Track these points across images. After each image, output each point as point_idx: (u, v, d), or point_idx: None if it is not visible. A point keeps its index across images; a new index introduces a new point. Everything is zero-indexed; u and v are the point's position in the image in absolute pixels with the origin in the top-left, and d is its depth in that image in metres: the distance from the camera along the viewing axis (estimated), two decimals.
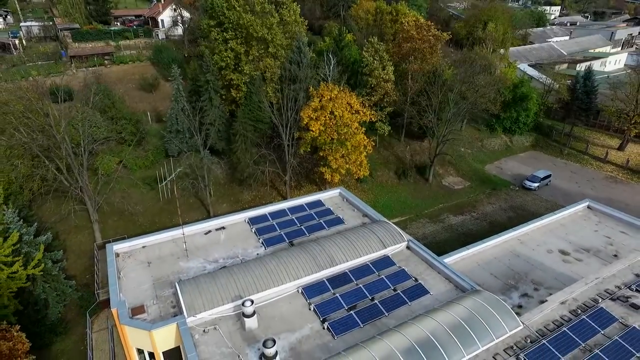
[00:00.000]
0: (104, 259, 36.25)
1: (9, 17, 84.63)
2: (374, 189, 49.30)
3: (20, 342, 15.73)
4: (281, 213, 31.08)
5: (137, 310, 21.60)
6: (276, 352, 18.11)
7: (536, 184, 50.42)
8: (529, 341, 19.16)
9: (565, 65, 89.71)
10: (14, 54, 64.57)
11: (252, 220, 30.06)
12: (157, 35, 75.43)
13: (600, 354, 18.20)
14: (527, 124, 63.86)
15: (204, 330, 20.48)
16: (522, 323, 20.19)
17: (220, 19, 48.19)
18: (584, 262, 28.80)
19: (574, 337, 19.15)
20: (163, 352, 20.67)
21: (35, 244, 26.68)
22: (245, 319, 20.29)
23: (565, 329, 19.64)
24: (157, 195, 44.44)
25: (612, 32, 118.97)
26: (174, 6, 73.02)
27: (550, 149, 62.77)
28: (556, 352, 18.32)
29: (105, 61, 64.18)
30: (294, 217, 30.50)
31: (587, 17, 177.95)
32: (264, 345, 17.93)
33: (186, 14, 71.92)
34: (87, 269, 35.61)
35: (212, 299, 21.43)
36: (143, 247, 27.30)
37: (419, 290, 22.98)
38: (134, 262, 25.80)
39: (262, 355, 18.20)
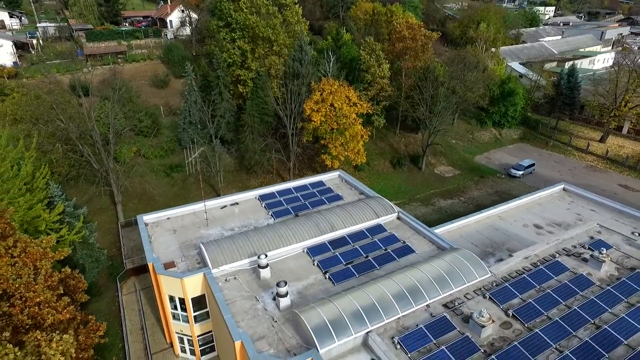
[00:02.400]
0: (127, 235, 40.71)
1: (23, 18, 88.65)
2: (370, 176, 53.38)
3: (80, 281, 19.61)
4: (287, 191, 35.17)
5: (168, 265, 25.71)
6: (287, 291, 22.19)
7: (521, 172, 54.53)
8: (494, 285, 23.28)
9: (554, 64, 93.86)
10: (32, 53, 68.60)
11: (262, 197, 34.16)
12: (166, 35, 79.52)
13: (551, 292, 22.28)
14: (515, 118, 67.99)
15: (225, 280, 24.58)
16: (491, 272, 24.29)
17: (228, 20, 52.33)
18: (555, 234, 32.73)
19: (531, 281, 23.24)
20: (191, 299, 24.77)
21: (75, 215, 30.73)
22: (260, 270, 24.40)
23: (525, 275, 23.75)
24: (172, 181, 48.60)
25: (602, 32, 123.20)
26: (182, 7, 77.07)
27: (536, 141, 66.93)
28: (515, 292, 22.42)
29: (119, 59, 68.27)
30: (298, 195, 34.59)
31: (581, 17, 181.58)
32: (277, 285, 22.03)
33: (194, 15, 75.99)
34: (112, 244, 39.74)
35: (231, 255, 25.53)
36: (168, 218, 31.38)
37: (406, 250, 27.06)
38: (162, 230, 29.86)
39: (276, 294, 22.27)
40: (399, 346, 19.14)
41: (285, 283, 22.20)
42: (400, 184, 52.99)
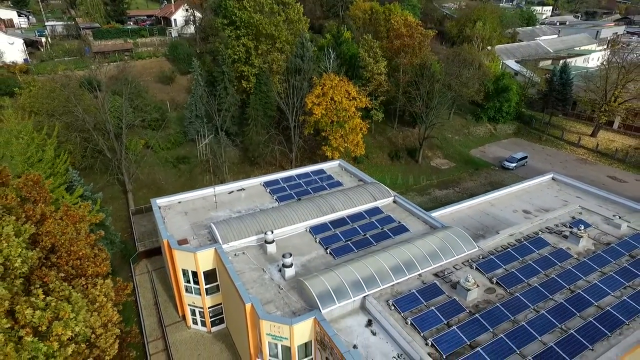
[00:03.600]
0: (138, 222, 42.82)
1: (31, 17, 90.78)
2: (369, 168, 55.49)
3: (104, 252, 21.67)
4: (290, 178, 37.36)
5: (182, 242, 27.89)
6: (292, 262, 24.36)
7: (513, 164, 56.73)
8: (481, 257, 25.46)
9: (549, 62, 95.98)
10: (42, 51, 70.74)
11: (267, 183, 36.34)
12: (170, 33, 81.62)
13: (532, 263, 24.46)
14: (509, 113, 70.17)
15: (235, 254, 26.75)
16: (478, 247, 26.48)
17: (232, 18, 54.53)
18: (540, 218, 34.88)
19: (514, 254, 25.42)
20: (203, 272, 26.94)
21: (93, 199, 32.86)
22: (267, 245, 26.59)
23: (509, 249, 25.94)
24: (179, 172, 50.79)
25: (598, 31, 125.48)
26: (186, 7, 79.28)
27: (530, 136, 69.14)
28: (500, 263, 24.60)
29: (125, 57, 70.33)
30: (301, 181, 36.78)
31: (579, 16, 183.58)
32: (283, 257, 24.22)
33: (197, 14, 78.17)
34: (124, 230, 41.86)
35: (240, 232, 27.71)
36: (179, 202, 33.57)
37: (401, 229, 29.23)
38: (174, 212, 32.04)
39: (282, 265, 24.43)
40: (392, 307, 21.31)
41: (290, 255, 24.40)
42: (397, 175, 55.11)
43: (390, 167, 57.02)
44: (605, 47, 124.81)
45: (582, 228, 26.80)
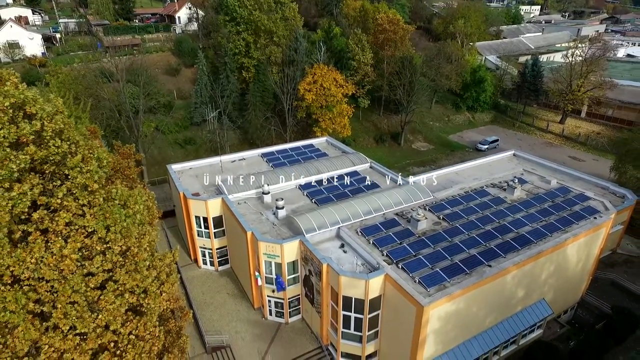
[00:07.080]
0: (152, 190, 48.98)
1: (43, 15, 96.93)
2: (356, 150, 61.86)
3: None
4: (284, 151, 43.80)
5: (195, 194, 34.27)
6: (284, 205, 30.79)
7: (486, 146, 63.31)
8: (434, 203, 31.92)
9: (529, 57, 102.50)
10: (57, 45, 76.99)
11: (264, 154, 42.80)
12: (175, 30, 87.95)
13: (473, 206, 30.95)
14: (487, 103, 76.79)
15: (238, 203, 33.14)
16: (433, 196, 32.94)
17: (233, 15, 60.93)
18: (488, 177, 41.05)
19: (461, 200, 31.90)
20: (212, 218, 33.35)
21: None
22: (264, 196, 33.02)
23: (457, 197, 32.42)
24: (186, 152, 57.14)
25: (579, 29, 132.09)
26: (189, 5, 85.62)
27: (504, 123, 75.73)
28: (447, 206, 31.07)
29: (134, 51, 76.57)
30: (293, 153, 43.20)
31: (566, 16, 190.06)
32: (277, 200, 30.66)
33: (200, 12, 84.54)
34: None
35: (242, 187, 34.15)
36: (190, 168, 39.96)
37: (373, 186, 35.67)
38: (186, 175, 38.41)
39: (275, 207, 30.86)
40: (360, 234, 27.74)
41: (282, 199, 30.83)
42: (381, 156, 61.57)
43: (375, 149, 63.48)
44: (577, 43, 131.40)
45: (517, 181, 33.29)
